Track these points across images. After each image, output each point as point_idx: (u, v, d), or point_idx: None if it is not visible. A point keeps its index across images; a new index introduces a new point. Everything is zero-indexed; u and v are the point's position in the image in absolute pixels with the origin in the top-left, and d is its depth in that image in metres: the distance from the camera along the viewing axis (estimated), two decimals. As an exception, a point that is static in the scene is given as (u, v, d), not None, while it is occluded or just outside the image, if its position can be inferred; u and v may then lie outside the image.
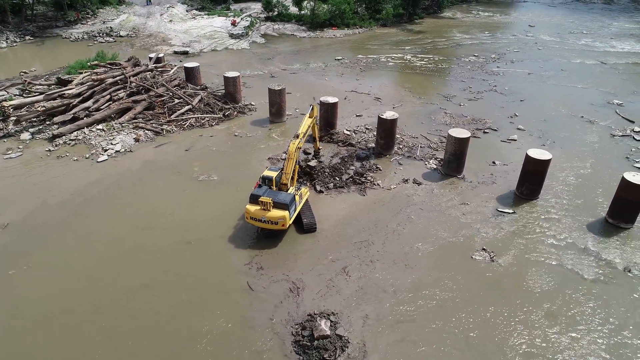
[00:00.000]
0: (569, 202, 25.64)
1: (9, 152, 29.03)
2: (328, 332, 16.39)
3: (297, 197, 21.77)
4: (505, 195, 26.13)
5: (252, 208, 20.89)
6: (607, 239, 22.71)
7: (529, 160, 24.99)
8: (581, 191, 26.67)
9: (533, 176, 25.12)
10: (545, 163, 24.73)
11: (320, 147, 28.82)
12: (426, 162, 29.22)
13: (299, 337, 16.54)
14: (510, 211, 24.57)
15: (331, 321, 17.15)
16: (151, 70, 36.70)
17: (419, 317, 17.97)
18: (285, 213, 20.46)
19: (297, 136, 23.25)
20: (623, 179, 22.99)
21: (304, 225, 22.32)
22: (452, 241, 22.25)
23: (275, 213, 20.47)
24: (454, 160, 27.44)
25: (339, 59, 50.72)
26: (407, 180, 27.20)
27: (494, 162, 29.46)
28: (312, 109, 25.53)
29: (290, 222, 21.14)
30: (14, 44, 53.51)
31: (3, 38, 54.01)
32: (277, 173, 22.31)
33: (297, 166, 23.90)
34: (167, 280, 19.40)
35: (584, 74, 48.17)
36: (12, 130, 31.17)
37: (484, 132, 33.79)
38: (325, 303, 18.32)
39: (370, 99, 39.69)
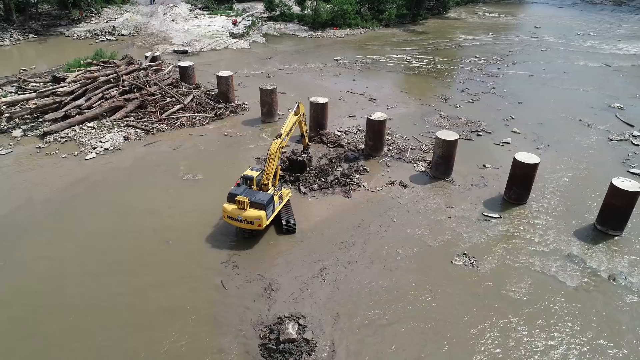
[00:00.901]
0: (559, 207, 25.11)
1: (0, 148, 29.27)
2: (294, 336, 16.17)
3: (276, 198, 21.57)
4: (493, 199, 25.68)
5: (229, 207, 20.78)
6: (593, 246, 22.17)
7: (516, 164, 24.52)
8: (572, 196, 26.12)
9: (520, 180, 24.64)
10: (533, 167, 24.24)
11: (309, 144, 28.64)
12: (415, 165, 28.85)
13: (266, 340, 16.35)
14: (496, 216, 24.12)
15: (300, 324, 16.92)
16: (145, 69, 36.80)
17: (392, 320, 17.67)
18: (262, 213, 20.28)
19: (280, 135, 23.06)
20: (611, 184, 22.42)
21: (283, 226, 22.13)
22: (433, 245, 21.89)
23: (252, 213, 20.31)
24: (442, 162, 27.04)
25: (337, 60, 50.48)
26: (393, 182, 26.87)
27: (484, 166, 28.99)
28: (298, 106, 25.31)
29: (268, 222, 20.96)
30: (18, 42, 54.10)
31: (7, 36, 54.66)
32: (258, 173, 22.15)
33: (279, 167, 23.73)
34: (139, 279, 19.32)
35: (587, 76, 47.36)
36: (5, 127, 31.44)
37: (478, 135, 33.31)
38: (296, 306, 18.10)
39: (365, 100, 39.38)
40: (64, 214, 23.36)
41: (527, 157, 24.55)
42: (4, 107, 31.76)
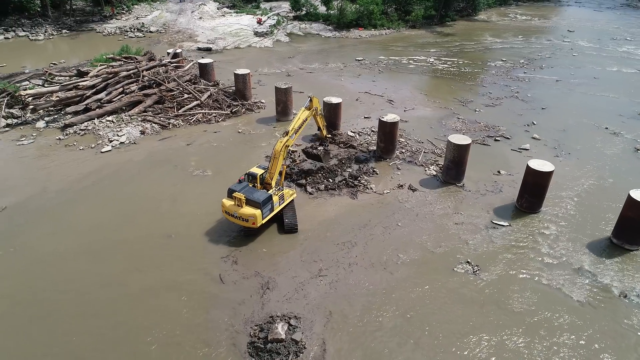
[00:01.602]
0: (573, 218, 24.12)
1: (22, 139, 30.37)
2: (283, 336, 16.08)
3: (275, 198, 21.51)
4: (505, 207, 24.89)
5: (228, 202, 20.97)
6: (606, 260, 21.17)
7: (529, 171, 23.69)
8: (589, 207, 25.04)
9: (533, 188, 23.78)
10: (547, 175, 23.36)
11: (328, 136, 28.68)
12: (426, 168, 28.30)
13: (255, 338, 16.32)
14: (505, 224, 23.37)
15: (290, 325, 16.82)
16: (165, 65, 37.50)
17: (386, 324, 17.37)
18: (257, 212, 20.29)
19: (287, 133, 23.00)
20: (629, 196, 21.35)
21: (284, 225, 22.10)
22: (436, 251, 21.39)
23: (247, 210, 20.37)
24: (453, 167, 26.41)
25: (359, 60, 50.13)
26: (402, 185, 26.42)
27: (498, 172, 28.16)
28: (311, 100, 25.19)
29: (263, 222, 20.95)
30: (51, 37, 56.11)
31: (42, 31, 56.78)
32: (263, 171, 22.17)
33: (285, 166, 23.68)
34: (138, 270, 19.66)
35: (618, 82, 45.40)
36: (29, 118, 32.64)
37: (495, 140, 32.40)
38: (289, 306, 18.00)
39: (383, 101, 38.94)
40: (74, 204, 24.01)
41: (540, 165, 23.69)
42: (29, 99, 32.95)
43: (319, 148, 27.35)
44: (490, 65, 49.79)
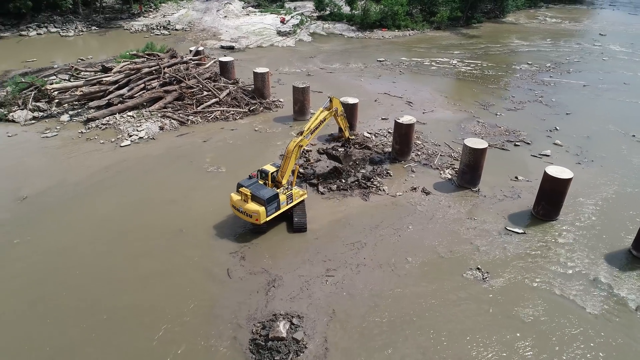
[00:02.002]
0: (592, 227, 23.34)
1: (47, 131, 31.32)
2: (284, 335, 16.08)
3: (282, 197, 21.52)
4: (520, 213, 24.28)
5: (235, 197, 21.24)
6: (624, 273, 20.40)
7: (546, 177, 23.04)
8: (609, 217, 24.19)
9: (550, 195, 23.13)
10: (564, 182, 22.68)
11: (351, 137, 28.67)
12: (441, 172, 27.87)
13: (257, 336, 16.38)
14: (520, 231, 22.79)
15: (292, 324, 16.81)
16: (186, 63, 38.06)
17: (390, 326, 17.18)
18: (261, 209, 20.40)
19: (301, 133, 23.01)
20: (651, 207, 20.54)
21: (293, 224, 22.12)
22: (446, 256, 21.03)
23: (252, 206, 20.54)
24: (468, 171, 25.93)
25: (380, 61, 49.79)
26: (415, 188, 26.09)
27: (516, 178, 27.50)
28: (331, 101, 25.12)
29: (267, 219, 21.00)
30: (81, 33, 57.71)
31: (72, 27, 58.48)
32: (276, 169, 22.25)
33: (298, 166, 23.68)
34: (147, 262, 20.01)
35: (650, 89, 43.75)
36: (54, 112, 33.64)
37: (515, 145, 31.66)
38: (293, 305, 17.98)
39: (402, 103, 38.56)
40: (91, 196, 24.61)
41: (559, 171, 23.01)
42: (55, 93, 33.95)
43: (340, 150, 27.33)
44: (514, 69, 48.71)
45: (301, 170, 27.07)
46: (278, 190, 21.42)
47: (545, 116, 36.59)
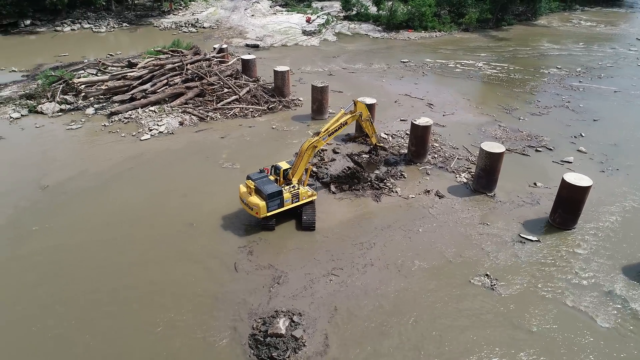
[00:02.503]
0: (611, 238, 22.49)
1: (72, 123, 32.39)
2: (283, 332, 16.14)
3: (287, 195, 21.54)
4: (536, 221, 23.62)
5: (243, 189, 21.56)
6: (642, 286, 19.60)
7: (564, 185, 22.33)
8: (631, 227, 23.26)
9: (567, 203, 22.40)
10: (583, 190, 21.93)
11: (380, 144, 28.48)
12: (457, 175, 27.39)
13: (256, 331, 16.50)
14: (534, 239, 22.17)
15: (292, 321, 16.86)
16: (208, 60, 38.65)
17: (391, 326, 17.03)
18: (262, 203, 20.65)
19: (318, 133, 23.00)
20: (673, 219, 19.64)
21: (302, 222, 22.17)
22: (455, 260, 20.67)
23: (254, 199, 20.90)
24: (484, 176, 25.40)
25: (404, 62, 49.31)
26: (429, 191, 25.73)
27: (535, 184, 26.76)
28: (355, 104, 24.99)
29: (268, 214, 21.17)
30: (112, 30, 59.42)
31: (104, 24, 60.25)
32: (289, 167, 22.35)
33: (310, 166, 23.64)
34: (156, 253, 20.48)
35: (686, 97, 41.80)
36: (81, 105, 34.75)
37: (536, 151, 30.80)
38: (295, 302, 18.03)
39: (422, 104, 38.09)
40: (107, 187, 25.30)
41: (577, 179, 22.27)
42: (82, 86, 35.07)
43: (363, 156, 27.33)
44: (542, 73, 47.38)
45: (314, 169, 27.10)
46: (283, 188, 21.51)
47: (570, 122, 35.47)
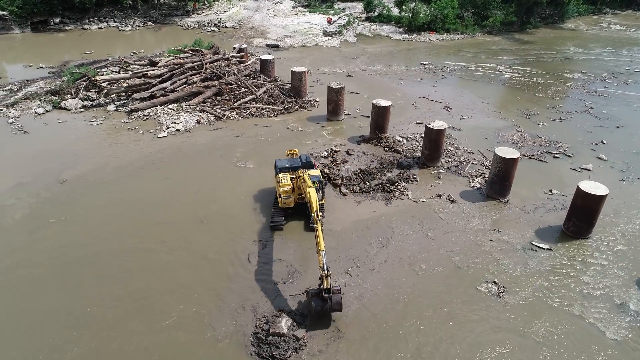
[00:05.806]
0: (627, 249, 21.88)
1: (93, 119, 33.31)
2: (284, 331, 16.27)
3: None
4: (549, 229, 23.17)
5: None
6: (657, 300, 19.00)
7: (579, 193, 21.83)
8: (649, 239, 22.59)
9: (582, 212, 21.89)
10: (598, 199, 21.39)
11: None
12: (470, 180, 27.08)
13: (259, 329, 16.68)
14: (546, 247, 21.75)
15: (295, 321, 16.97)
16: (227, 59, 39.16)
17: (392, 330, 16.97)
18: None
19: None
20: (692, 231, 18.99)
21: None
22: (462, 266, 20.45)
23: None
24: (497, 181, 25.04)
25: (423, 64, 48.96)
26: (440, 195, 25.51)
27: (550, 191, 26.24)
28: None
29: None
30: (137, 29, 60.79)
31: (130, 22, 61.70)
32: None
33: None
34: (168, 244, 20.97)
35: None
36: (102, 102, 35.70)
37: (554, 157, 30.18)
38: (302, 301, 18.16)
39: (439, 108, 37.76)
40: (124, 182, 25.92)
41: (593, 187, 21.75)
42: (105, 84, 36.02)
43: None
44: (566, 77, 46.34)
45: (326, 170, 27.19)
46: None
47: (592, 128, 34.62)
